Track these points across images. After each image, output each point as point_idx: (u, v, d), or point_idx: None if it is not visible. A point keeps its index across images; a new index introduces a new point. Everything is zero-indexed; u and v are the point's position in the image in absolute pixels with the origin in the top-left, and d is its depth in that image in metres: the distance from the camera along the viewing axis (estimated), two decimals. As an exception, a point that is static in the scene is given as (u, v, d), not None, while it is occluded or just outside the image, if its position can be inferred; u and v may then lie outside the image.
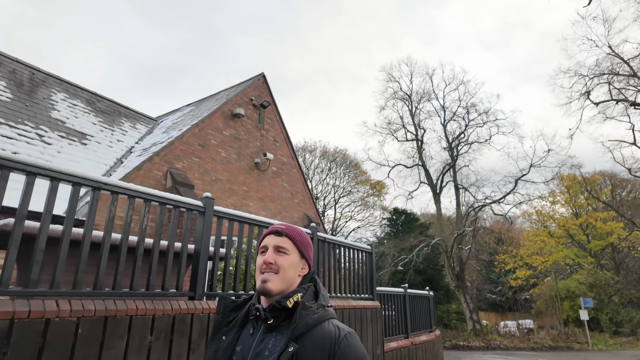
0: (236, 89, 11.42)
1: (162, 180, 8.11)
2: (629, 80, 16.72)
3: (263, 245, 1.31)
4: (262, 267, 1.25)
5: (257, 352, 1.15)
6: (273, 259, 1.24)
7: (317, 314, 1.19)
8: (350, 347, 1.14)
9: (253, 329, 1.22)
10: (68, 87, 9.76)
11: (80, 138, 8.44)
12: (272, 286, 1.21)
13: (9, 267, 2.31)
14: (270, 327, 1.19)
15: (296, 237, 1.32)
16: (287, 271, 1.25)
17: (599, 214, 29.03)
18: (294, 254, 1.29)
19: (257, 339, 1.18)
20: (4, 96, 7.77)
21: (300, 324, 1.14)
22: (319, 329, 1.16)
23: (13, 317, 2.20)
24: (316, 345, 1.13)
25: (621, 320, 25.59)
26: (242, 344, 1.20)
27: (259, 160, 10.81)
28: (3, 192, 2.35)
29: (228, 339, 1.22)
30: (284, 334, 1.16)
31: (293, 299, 1.20)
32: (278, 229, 1.31)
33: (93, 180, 2.79)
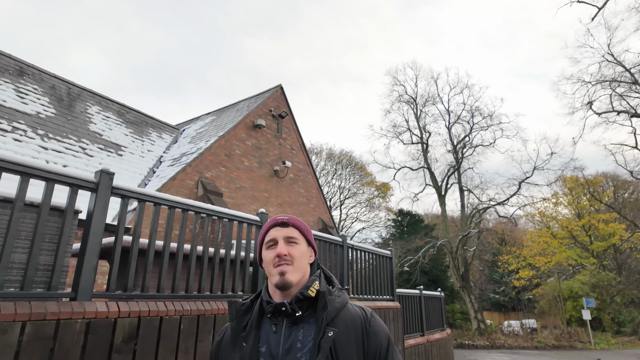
0: (256, 100, 12.04)
1: (193, 189, 8.73)
2: (631, 86, 17.26)
3: (270, 238, 1.29)
4: (275, 260, 1.23)
5: (288, 347, 1.14)
6: (286, 250, 1.24)
7: (340, 298, 1.23)
8: (379, 324, 1.24)
9: (275, 327, 1.20)
10: (100, 99, 10.40)
11: (116, 149, 9.07)
12: (291, 277, 1.21)
13: (113, 276, 2.93)
14: (295, 320, 1.19)
15: (302, 226, 1.32)
16: (300, 261, 1.26)
17: (602, 216, 29.45)
18: (303, 243, 1.30)
19: (283, 335, 1.17)
20: (49, 111, 8.41)
21: (331, 309, 1.17)
22: (346, 312, 1.21)
23: (139, 316, 2.81)
24: (348, 327, 1.17)
25: (623, 320, 25.97)
26: (265, 344, 1.18)
27: (278, 168, 11.42)
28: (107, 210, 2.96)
29: (249, 344, 1.18)
30: (310, 323, 1.18)
31: (314, 288, 1.22)
32: (283, 220, 1.31)
33: (188, 204, 3.40)
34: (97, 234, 2.77)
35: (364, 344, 1.17)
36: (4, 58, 8.70)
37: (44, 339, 2.31)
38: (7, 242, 2.36)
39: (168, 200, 3.25)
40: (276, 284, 1.21)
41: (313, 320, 1.17)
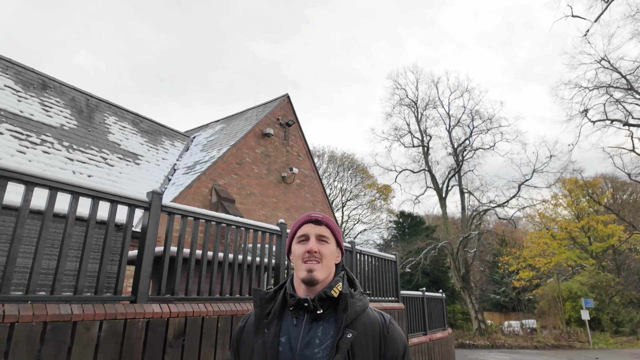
0: (264, 109, 12.54)
1: (208, 196, 9.23)
2: (627, 92, 17.75)
3: (303, 234, 1.32)
4: (305, 255, 1.26)
5: (307, 341, 1.18)
6: (317, 248, 1.27)
7: (361, 302, 1.26)
8: (397, 331, 1.27)
9: (296, 320, 1.24)
10: (116, 110, 10.90)
11: (133, 158, 9.57)
12: (318, 275, 1.24)
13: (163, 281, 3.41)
14: (316, 316, 1.22)
15: (333, 226, 1.35)
16: (328, 260, 1.29)
17: (600, 217, 29.84)
18: (332, 242, 1.33)
19: (303, 329, 1.21)
20: (72, 123, 8.91)
21: (351, 312, 1.20)
22: (366, 316, 1.24)
23: (186, 316, 3.30)
24: (367, 331, 1.20)
25: (622, 320, 26.29)
26: (286, 335, 1.22)
27: (285, 175, 11.92)
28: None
29: (271, 331, 1.22)
30: (330, 322, 1.21)
31: (337, 289, 1.25)
32: (317, 218, 1.33)
33: (222, 218, 3.88)
34: (151, 245, 3.26)
35: (381, 349, 1.20)
36: (29, 72, 9.20)
37: (116, 334, 2.80)
38: (84, 254, 2.85)
39: (205, 215, 3.74)
40: (303, 279, 1.25)
41: (333, 320, 1.21)
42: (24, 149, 7.14)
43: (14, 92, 8.18)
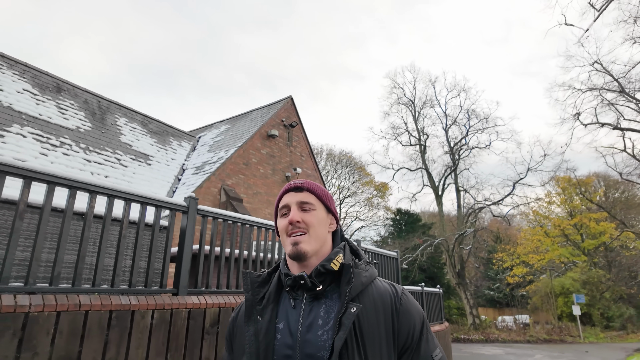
0: (268, 110, 12.94)
1: (217, 195, 9.64)
2: (619, 94, 18.32)
3: (283, 205, 1.16)
4: (289, 228, 1.11)
5: (308, 324, 1.04)
6: (300, 217, 1.11)
7: (367, 272, 1.12)
8: (411, 302, 1.11)
9: (294, 301, 1.10)
10: (126, 111, 11.25)
11: (145, 159, 9.96)
12: (306, 247, 1.09)
13: (200, 276, 3.84)
14: (317, 294, 1.08)
15: (318, 190, 1.19)
16: (317, 229, 1.13)
17: (593, 215, 30.50)
18: (320, 209, 1.16)
19: (302, 310, 1.07)
20: (86, 125, 9.28)
21: (356, 283, 1.06)
22: (374, 288, 1.10)
23: (219, 307, 3.74)
24: (376, 304, 1.06)
25: (612, 315, 26.98)
26: (284, 320, 1.08)
27: (289, 174, 12.34)
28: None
29: (265, 318, 1.08)
30: (333, 299, 1.07)
31: (337, 261, 1.10)
32: (297, 184, 1.17)
33: (247, 220, 4.32)
34: (189, 245, 3.69)
35: (394, 324, 1.05)
36: (44, 76, 9.54)
37: (164, 322, 3.23)
38: (136, 254, 3.28)
39: (233, 217, 4.17)
40: (289, 255, 1.11)
41: (337, 296, 1.07)
42: (46, 151, 7.52)
43: (32, 95, 8.53)
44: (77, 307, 2.69)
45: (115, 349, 2.86)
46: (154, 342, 3.12)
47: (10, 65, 8.80)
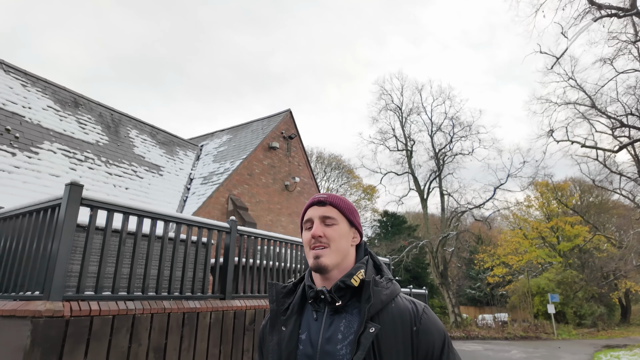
0: (269, 122, 13.82)
1: (225, 204, 10.50)
2: (590, 109, 19.80)
3: (307, 218, 1.20)
4: (311, 242, 1.14)
5: (328, 337, 1.06)
6: (321, 231, 1.14)
7: (388, 289, 1.11)
8: (432, 321, 1.10)
9: (316, 313, 1.12)
10: (135, 123, 11.97)
11: (157, 170, 10.73)
12: (326, 261, 1.11)
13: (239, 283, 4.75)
14: (337, 308, 1.09)
15: (341, 204, 1.20)
16: (339, 243, 1.14)
17: (568, 218, 32.14)
18: (343, 223, 1.18)
19: (323, 323, 1.09)
20: (104, 139, 10.00)
21: (376, 302, 1.06)
22: (394, 306, 1.09)
23: (255, 308, 4.65)
24: (395, 323, 1.06)
25: (584, 313, 28.52)
26: (306, 331, 1.10)
27: (288, 183, 13.26)
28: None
29: (289, 328, 1.11)
30: (353, 314, 1.08)
31: (358, 277, 1.10)
32: (320, 199, 1.20)
33: (271, 236, 5.24)
34: (232, 258, 4.59)
35: (413, 344, 1.05)
36: (62, 91, 10.18)
37: (218, 321, 4.14)
38: (186, 265, 4.16)
39: (263, 234, 5.09)
40: (311, 267, 1.15)
41: (357, 312, 1.08)
42: (74, 166, 8.25)
43: (55, 112, 9.21)
44: (163, 310, 3.58)
45: (187, 342, 3.75)
46: (212, 337, 4.03)
47: (34, 82, 9.45)
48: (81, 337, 2.92)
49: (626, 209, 32.98)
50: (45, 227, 3.19)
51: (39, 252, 3.19)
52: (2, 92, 8.19)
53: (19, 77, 9.12)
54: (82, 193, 3.14)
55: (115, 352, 3.12)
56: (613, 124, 19.08)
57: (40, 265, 3.11)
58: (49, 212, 3.25)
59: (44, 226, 3.21)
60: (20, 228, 3.45)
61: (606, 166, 23.79)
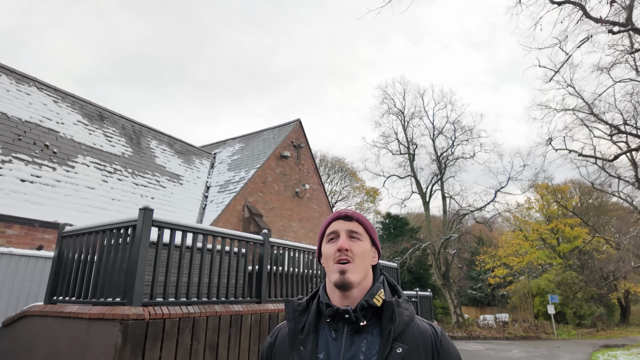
0: (279, 132, 14.46)
1: (241, 211, 11.13)
2: (589, 115, 20.44)
3: (332, 231, 1.19)
4: (336, 254, 1.13)
5: (350, 357, 1.05)
6: (348, 245, 1.14)
7: (408, 311, 1.13)
8: (450, 344, 1.14)
9: (335, 333, 1.10)
10: (155, 134, 12.60)
11: (177, 179, 11.36)
12: (352, 277, 1.10)
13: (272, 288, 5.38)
14: (358, 328, 1.08)
15: (366, 222, 1.21)
16: (362, 260, 1.15)
17: (568, 220, 32.72)
18: (366, 240, 1.19)
19: (344, 343, 1.07)
20: (129, 151, 10.64)
21: (399, 323, 1.08)
22: (414, 327, 1.12)
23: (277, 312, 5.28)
24: (417, 344, 1.08)
25: (584, 313, 29.02)
26: (324, 351, 1.08)
27: (298, 190, 13.89)
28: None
29: (307, 348, 1.09)
30: (374, 334, 1.08)
31: (380, 297, 1.11)
32: (347, 213, 1.20)
33: (300, 247, 5.87)
34: (266, 267, 5.21)
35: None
36: (88, 105, 10.82)
37: (257, 322, 4.77)
38: (230, 274, 4.79)
39: (291, 245, 5.72)
40: (335, 283, 1.11)
41: (377, 332, 1.08)
42: (106, 178, 8.89)
43: (84, 126, 9.84)
44: (215, 313, 4.22)
45: (234, 340, 4.39)
46: (252, 336, 4.66)
47: (63, 97, 10.08)
48: (157, 336, 3.56)
49: (625, 210, 33.51)
50: (123, 244, 3.83)
51: (116, 265, 3.83)
52: (38, 109, 8.83)
53: (51, 93, 9.75)
54: (152, 216, 3.78)
55: (181, 349, 3.75)
56: (611, 131, 19.72)
57: (120, 276, 3.74)
58: (123, 231, 3.88)
59: (122, 243, 3.85)
60: (100, 243, 4.08)
61: (605, 170, 24.37)
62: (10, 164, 6.98)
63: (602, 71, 17.14)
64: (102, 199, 8.08)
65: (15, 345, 4.38)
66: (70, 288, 4.25)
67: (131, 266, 3.59)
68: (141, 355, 3.39)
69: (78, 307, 3.88)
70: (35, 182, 7.12)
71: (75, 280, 4.23)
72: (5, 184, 6.57)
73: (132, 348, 3.32)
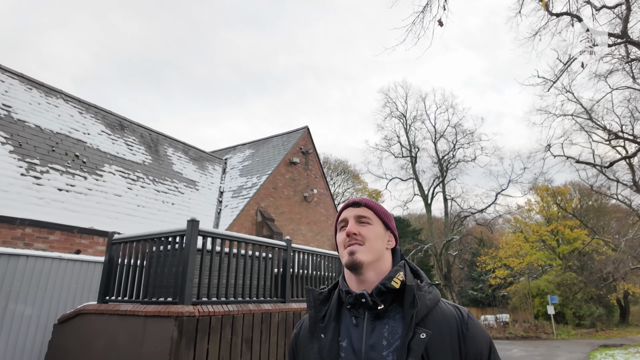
0: (288, 138, 15.06)
1: (254, 216, 11.72)
2: (587, 120, 21.03)
3: (342, 219, 1.21)
4: (346, 240, 1.14)
5: (372, 344, 1.03)
6: (356, 229, 1.14)
7: (431, 294, 1.10)
8: (478, 327, 1.09)
9: (356, 319, 1.09)
10: (170, 141, 13.19)
11: (194, 185, 11.95)
12: (361, 257, 1.10)
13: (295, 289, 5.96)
14: (378, 314, 1.07)
15: (376, 206, 1.21)
16: (373, 242, 1.14)
17: (568, 222, 33.25)
18: (378, 224, 1.19)
19: (365, 329, 1.06)
20: (149, 159, 11.23)
21: (421, 306, 1.04)
22: (439, 311, 1.08)
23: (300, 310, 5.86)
24: (442, 329, 1.04)
25: (583, 314, 29.53)
26: (346, 338, 1.07)
27: (307, 195, 14.48)
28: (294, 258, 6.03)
29: (328, 335, 1.09)
30: (396, 319, 1.06)
31: (398, 279, 1.09)
32: (356, 200, 1.22)
33: (318, 252, 6.45)
34: (288, 269, 5.80)
35: (461, 349, 1.04)
36: (109, 115, 11.40)
37: (283, 320, 5.35)
38: (259, 276, 5.37)
39: (310, 250, 6.30)
40: (346, 264, 1.12)
41: (399, 317, 1.06)
42: (130, 186, 9.48)
43: (108, 136, 10.44)
44: (249, 311, 4.80)
45: (265, 336, 4.97)
46: (279, 332, 5.24)
47: (87, 108, 10.67)
48: (205, 330, 4.15)
49: (624, 213, 34.03)
50: (172, 250, 4.42)
51: (165, 269, 4.41)
52: (66, 120, 9.43)
53: (76, 105, 10.34)
54: (199, 226, 4.36)
55: (223, 342, 4.34)
56: (609, 136, 20.30)
57: (170, 279, 4.33)
58: (172, 239, 4.47)
59: (171, 249, 4.44)
60: (150, 250, 4.67)
61: (603, 174, 24.91)
62: (48, 174, 7.57)
63: (599, 78, 17.71)
64: (129, 206, 8.67)
65: (72, 339, 4.97)
66: (122, 289, 4.84)
67: (182, 270, 4.18)
68: (193, 347, 3.97)
69: (132, 305, 4.47)
70: (70, 191, 7.71)
71: (127, 282, 4.82)
72: (46, 193, 7.16)
73: (186, 341, 3.91)
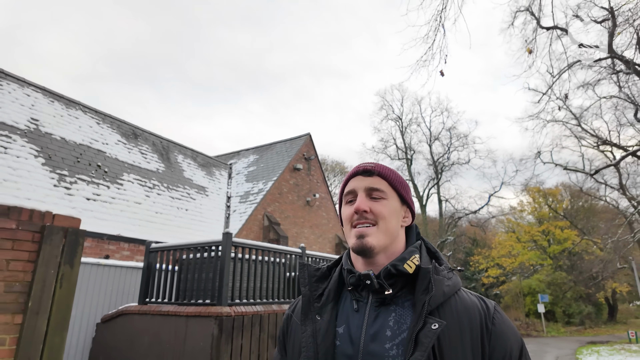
0: (291, 145, 15.74)
1: (261, 220, 12.38)
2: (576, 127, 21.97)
3: (349, 190, 0.99)
4: (354, 217, 0.95)
5: (373, 333, 0.87)
6: (367, 205, 0.94)
7: (451, 280, 0.92)
8: (506, 322, 0.90)
9: (357, 303, 0.92)
10: (180, 148, 13.78)
11: (204, 191, 12.57)
12: (372, 241, 0.92)
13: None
14: (385, 299, 0.90)
15: (392, 175, 1.00)
16: (387, 221, 0.95)
17: (558, 223, 34.28)
18: (393, 198, 0.98)
19: (367, 316, 0.90)
20: (162, 166, 11.83)
21: (437, 293, 0.86)
22: (458, 300, 0.90)
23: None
24: (461, 322, 0.86)
25: (572, 312, 30.58)
26: (344, 324, 0.91)
27: (309, 199, 15.16)
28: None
29: (324, 318, 0.92)
30: (405, 307, 0.89)
31: (413, 262, 0.91)
32: (367, 167, 1.00)
33: (328, 258, 7.14)
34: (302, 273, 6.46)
35: (484, 348, 0.85)
36: (124, 125, 11.98)
37: (301, 318, 6.04)
38: (280, 280, 6.06)
39: (321, 256, 6.99)
40: (353, 248, 0.94)
41: (409, 304, 0.89)
42: (148, 193, 10.09)
43: (124, 145, 11.02)
44: (273, 311, 5.49)
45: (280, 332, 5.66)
46: (298, 329, 5.93)
47: (103, 118, 11.24)
48: (239, 328, 4.83)
49: (612, 214, 35.08)
50: (208, 258, 5.10)
51: (202, 274, 5.09)
52: (86, 131, 10.01)
53: (93, 115, 10.91)
54: (232, 238, 5.04)
55: (254, 338, 5.02)
56: (597, 142, 21.23)
57: (208, 283, 5.01)
58: (207, 248, 5.15)
59: (207, 257, 5.11)
60: (187, 257, 5.34)
61: (592, 176, 25.85)
62: (76, 185, 8.16)
63: (587, 87, 18.58)
64: (148, 213, 9.28)
65: (116, 337, 5.63)
66: (161, 292, 5.51)
67: (219, 275, 4.86)
68: (230, 343, 4.66)
69: (173, 307, 5.14)
70: (97, 200, 8.31)
71: (165, 286, 5.49)
72: (77, 203, 7.76)
73: (225, 337, 4.59)
